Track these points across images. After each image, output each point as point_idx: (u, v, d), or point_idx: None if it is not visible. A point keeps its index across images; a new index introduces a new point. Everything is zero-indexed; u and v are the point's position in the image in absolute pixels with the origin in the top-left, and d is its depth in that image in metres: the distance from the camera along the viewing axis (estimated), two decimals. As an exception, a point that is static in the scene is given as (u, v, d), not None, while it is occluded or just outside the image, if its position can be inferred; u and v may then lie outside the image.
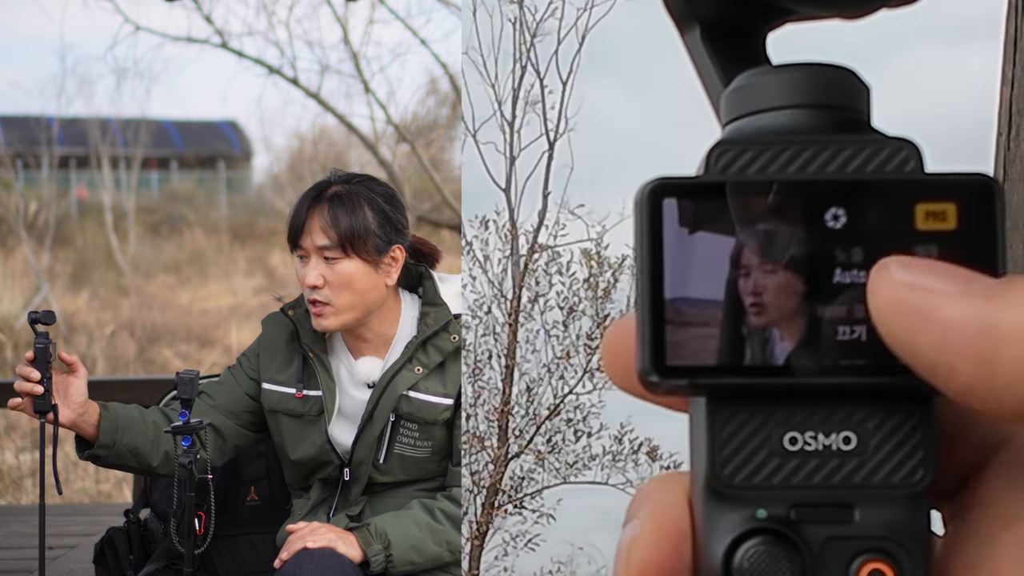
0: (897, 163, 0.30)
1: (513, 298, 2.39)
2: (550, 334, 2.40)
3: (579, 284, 2.40)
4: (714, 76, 0.35)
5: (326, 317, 2.25)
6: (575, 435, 2.40)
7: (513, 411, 2.39)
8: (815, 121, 0.31)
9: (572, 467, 2.40)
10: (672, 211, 0.30)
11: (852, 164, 0.30)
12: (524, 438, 2.39)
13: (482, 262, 2.41)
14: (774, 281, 0.30)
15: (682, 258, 0.30)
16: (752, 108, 0.32)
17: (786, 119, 0.31)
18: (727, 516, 0.30)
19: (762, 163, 0.30)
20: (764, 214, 0.30)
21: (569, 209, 2.38)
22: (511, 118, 2.40)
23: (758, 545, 0.29)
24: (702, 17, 0.36)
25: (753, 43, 0.36)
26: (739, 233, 0.30)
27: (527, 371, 2.40)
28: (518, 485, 2.39)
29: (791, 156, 0.30)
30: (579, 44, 2.35)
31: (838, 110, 0.31)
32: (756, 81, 0.32)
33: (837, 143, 0.30)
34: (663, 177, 0.31)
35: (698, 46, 0.36)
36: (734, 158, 0.30)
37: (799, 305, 0.30)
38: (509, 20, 2.39)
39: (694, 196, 0.30)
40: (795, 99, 0.31)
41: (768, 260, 0.30)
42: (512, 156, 2.40)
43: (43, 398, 2.18)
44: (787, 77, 0.32)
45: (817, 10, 0.34)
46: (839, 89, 0.32)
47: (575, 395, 2.39)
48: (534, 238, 2.39)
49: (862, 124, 0.32)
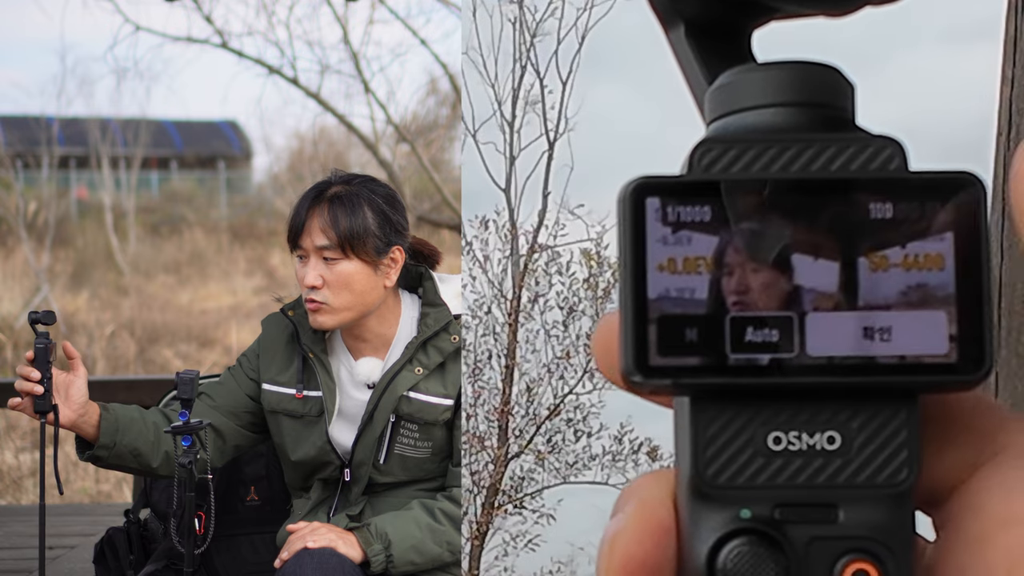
0: (881, 161, 0.30)
1: (513, 298, 2.39)
2: (550, 334, 2.40)
3: (579, 284, 2.40)
4: (698, 74, 0.35)
5: (323, 314, 2.25)
6: (575, 435, 2.40)
7: (513, 411, 2.39)
8: (799, 119, 0.31)
9: (572, 467, 2.40)
10: (655, 210, 0.30)
11: (836, 162, 0.30)
12: (524, 438, 2.39)
13: (482, 262, 2.41)
14: (758, 280, 0.30)
15: (665, 257, 0.30)
16: (736, 106, 0.32)
17: (770, 117, 0.31)
18: (711, 516, 0.30)
19: (746, 161, 0.30)
20: (747, 213, 0.30)
21: (569, 209, 2.38)
22: (511, 118, 2.40)
23: (742, 545, 0.29)
24: (686, 15, 0.35)
25: (738, 41, 0.35)
26: (722, 232, 0.30)
27: (527, 371, 2.40)
28: (518, 485, 2.39)
29: (775, 154, 0.30)
30: (579, 44, 2.35)
31: (822, 108, 0.31)
32: (740, 79, 0.32)
33: (821, 141, 0.30)
34: (646, 176, 0.30)
35: (683, 44, 0.36)
36: (718, 156, 0.30)
37: (783, 306, 0.30)
38: (509, 20, 2.40)
39: (677, 195, 0.30)
40: (779, 97, 0.31)
41: (752, 259, 0.30)
42: (512, 156, 2.40)
43: (43, 398, 2.18)
44: (771, 75, 0.32)
45: (801, 8, 0.33)
46: (823, 87, 0.31)
47: (575, 395, 2.39)
48: (534, 238, 2.39)
49: (846, 122, 0.32)
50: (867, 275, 0.30)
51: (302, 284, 2.26)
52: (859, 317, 0.30)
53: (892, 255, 0.30)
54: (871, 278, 0.30)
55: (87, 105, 26.45)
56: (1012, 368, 1.62)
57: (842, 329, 0.30)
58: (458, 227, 7.55)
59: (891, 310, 0.30)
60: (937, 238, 0.29)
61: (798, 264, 0.30)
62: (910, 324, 0.30)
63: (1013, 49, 1.65)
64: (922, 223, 0.30)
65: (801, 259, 0.30)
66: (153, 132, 21.41)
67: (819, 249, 0.30)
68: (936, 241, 0.29)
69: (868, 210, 0.30)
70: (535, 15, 2.38)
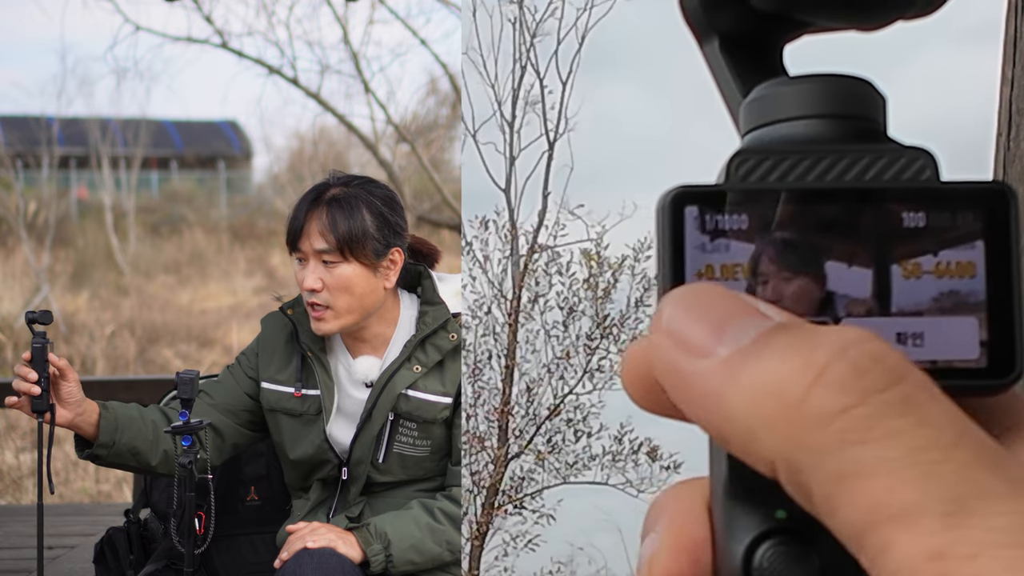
0: (914, 172, 0.30)
1: (513, 298, 2.39)
2: (550, 334, 2.40)
3: (579, 284, 2.40)
4: (733, 86, 0.36)
5: (326, 321, 2.25)
6: (575, 435, 2.40)
7: (513, 411, 2.39)
8: (833, 131, 0.32)
9: (572, 467, 2.40)
10: (693, 218, 0.31)
11: (870, 173, 0.30)
12: (524, 438, 2.39)
13: (482, 262, 2.41)
14: (793, 286, 0.30)
15: (703, 264, 0.31)
16: (771, 118, 0.33)
17: (804, 129, 0.32)
18: (746, 517, 0.30)
19: (781, 171, 0.31)
20: (783, 221, 0.30)
21: (569, 209, 2.38)
22: (511, 118, 2.40)
23: (777, 545, 0.29)
24: (721, 29, 0.36)
25: (771, 55, 0.36)
26: (759, 240, 0.30)
27: (527, 371, 2.40)
28: (518, 485, 2.39)
29: (810, 165, 0.31)
30: (579, 44, 2.35)
31: (855, 120, 0.32)
32: (774, 92, 0.33)
33: (855, 152, 0.31)
34: (685, 185, 0.31)
35: (717, 57, 0.36)
36: (754, 167, 0.31)
37: (817, 312, 0.30)
38: (509, 20, 2.39)
39: (715, 204, 0.31)
40: (813, 109, 0.32)
41: (787, 266, 0.30)
42: (512, 156, 2.39)
43: (40, 398, 2.18)
44: (805, 88, 0.32)
45: (835, 23, 0.34)
46: (856, 99, 0.32)
47: (575, 395, 2.39)
48: (534, 238, 2.39)
49: (879, 133, 0.32)
50: (900, 282, 0.30)
51: (301, 287, 2.26)
52: (892, 323, 0.30)
53: (924, 263, 0.30)
54: (904, 285, 0.30)
55: (87, 105, 26.48)
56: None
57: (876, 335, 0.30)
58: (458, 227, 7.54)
59: (923, 316, 0.30)
60: (968, 246, 0.30)
61: (832, 271, 0.30)
62: (942, 330, 0.30)
63: (1013, 49, 1.65)
64: (954, 232, 0.30)
65: (835, 266, 0.30)
66: (153, 132, 21.41)
67: (853, 257, 0.30)
68: (967, 249, 0.30)
69: (901, 219, 0.30)
70: (535, 15, 2.38)
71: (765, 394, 0.26)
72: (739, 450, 0.27)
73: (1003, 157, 1.64)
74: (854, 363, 0.25)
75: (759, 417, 0.26)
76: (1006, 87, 1.65)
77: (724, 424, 0.27)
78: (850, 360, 0.25)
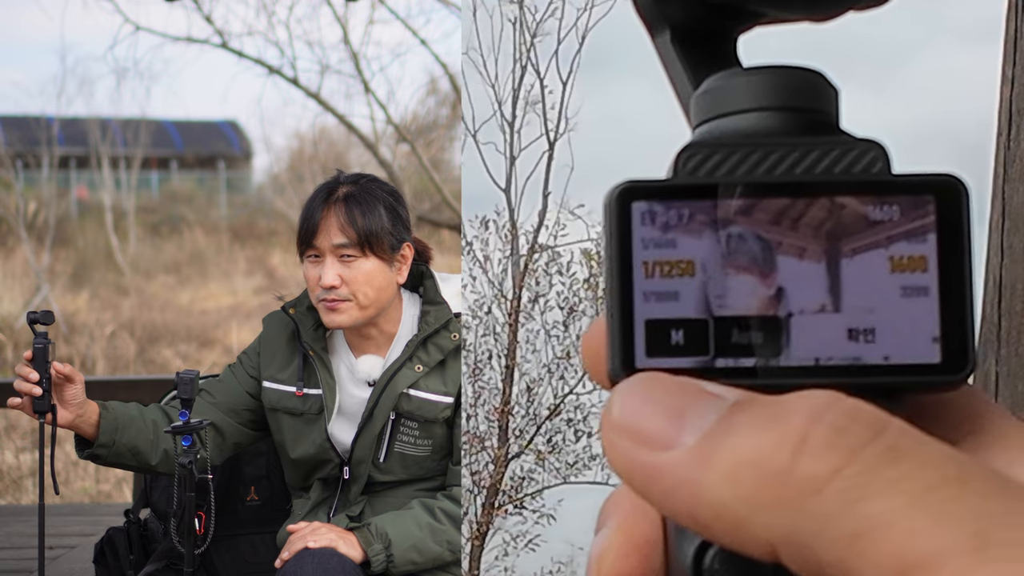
0: (865, 164, 0.30)
1: (513, 298, 2.39)
2: (550, 334, 2.40)
3: (579, 284, 2.40)
4: (684, 79, 0.35)
5: (342, 312, 2.24)
6: (575, 435, 2.40)
7: (513, 411, 2.39)
8: (783, 123, 0.31)
9: (572, 467, 2.40)
10: (641, 213, 0.30)
11: (820, 165, 0.30)
12: (524, 438, 2.39)
13: (482, 262, 2.41)
14: (743, 282, 0.30)
15: (651, 260, 0.30)
16: (721, 111, 0.32)
17: (754, 121, 0.31)
18: None
19: (731, 165, 0.30)
20: (733, 216, 0.30)
21: (569, 209, 2.38)
22: (511, 118, 2.40)
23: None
24: (672, 20, 0.36)
25: (723, 46, 0.36)
26: (708, 234, 0.30)
27: (527, 371, 2.40)
28: (518, 485, 2.39)
29: (759, 158, 0.30)
30: (579, 44, 2.35)
31: (806, 112, 0.31)
32: (724, 84, 0.32)
33: (805, 145, 0.30)
34: (631, 180, 0.30)
35: (668, 49, 0.36)
36: (703, 160, 0.30)
37: (768, 306, 0.30)
38: (509, 20, 2.39)
39: (663, 198, 0.30)
40: (763, 101, 0.31)
41: (735, 263, 0.30)
42: (512, 156, 2.40)
43: (42, 398, 2.18)
44: (755, 80, 0.32)
45: (786, 13, 0.34)
46: (807, 91, 0.31)
47: (575, 395, 2.39)
48: (534, 238, 2.39)
49: (831, 126, 0.32)
50: (851, 277, 0.30)
51: (316, 285, 2.25)
52: (844, 318, 0.30)
53: (876, 257, 0.30)
54: (855, 280, 0.30)
55: (87, 105, 26.48)
56: (1012, 368, 1.62)
57: (827, 331, 0.30)
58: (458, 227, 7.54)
59: (875, 311, 0.30)
60: (920, 240, 0.30)
61: (783, 266, 0.30)
62: (894, 326, 0.30)
63: (1013, 49, 1.65)
64: (905, 225, 0.30)
65: (786, 261, 0.30)
66: (153, 132, 21.41)
67: (804, 251, 0.30)
68: (919, 243, 0.30)
69: (851, 213, 0.30)
70: (535, 15, 2.38)
71: (746, 473, 0.25)
72: (726, 537, 0.25)
73: (1003, 157, 1.64)
74: (833, 425, 0.25)
75: (744, 499, 0.25)
76: (1006, 87, 1.65)
77: (702, 512, 0.25)
78: (828, 423, 0.25)
